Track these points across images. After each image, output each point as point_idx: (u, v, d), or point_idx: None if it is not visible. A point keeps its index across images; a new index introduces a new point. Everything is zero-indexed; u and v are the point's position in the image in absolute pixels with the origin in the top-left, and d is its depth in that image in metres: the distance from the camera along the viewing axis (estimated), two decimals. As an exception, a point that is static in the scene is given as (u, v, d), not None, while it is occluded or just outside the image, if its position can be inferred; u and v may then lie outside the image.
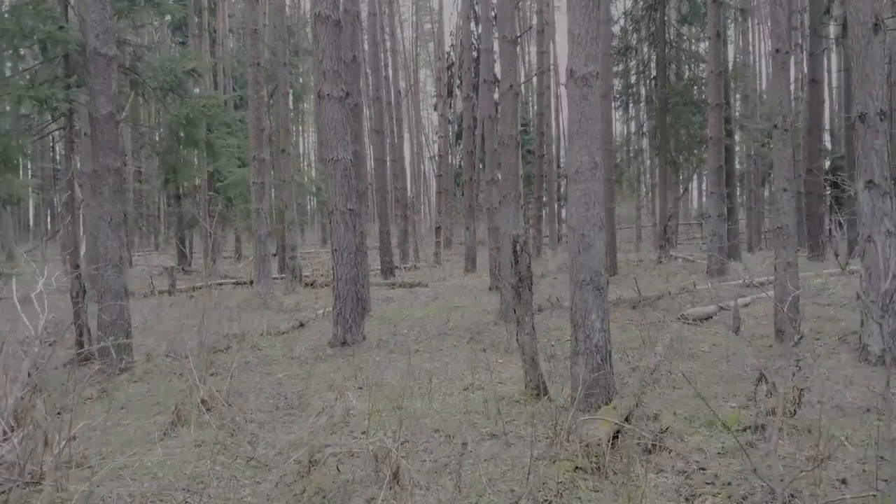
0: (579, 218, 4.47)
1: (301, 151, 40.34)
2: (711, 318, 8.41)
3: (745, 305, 9.18)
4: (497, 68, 15.46)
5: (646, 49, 20.06)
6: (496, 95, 15.37)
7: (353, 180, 7.85)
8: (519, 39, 9.02)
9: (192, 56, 7.42)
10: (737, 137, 23.83)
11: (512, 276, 4.62)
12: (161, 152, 7.68)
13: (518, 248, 4.58)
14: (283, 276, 15.72)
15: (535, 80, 25.62)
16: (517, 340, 4.66)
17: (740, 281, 11.60)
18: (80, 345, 7.89)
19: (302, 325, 9.73)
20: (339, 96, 7.72)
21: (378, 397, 5.07)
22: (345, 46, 10.62)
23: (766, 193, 32.99)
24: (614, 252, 14.87)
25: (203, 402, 4.86)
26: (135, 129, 7.16)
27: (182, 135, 7.32)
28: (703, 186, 48.25)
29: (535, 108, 22.29)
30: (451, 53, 37.53)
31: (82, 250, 8.07)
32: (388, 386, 5.49)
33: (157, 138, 7.70)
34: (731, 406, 4.51)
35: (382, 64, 24.36)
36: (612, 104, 15.48)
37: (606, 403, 4.35)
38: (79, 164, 7.97)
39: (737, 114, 25.12)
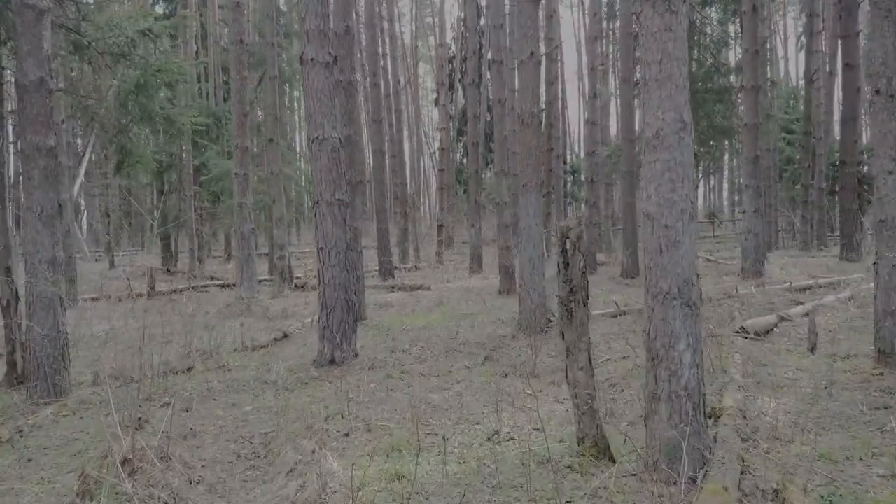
0: (661, 202, 3.09)
1: (297, 149, 38.87)
2: (772, 330, 7.04)
3: (807, 314, 7.80)
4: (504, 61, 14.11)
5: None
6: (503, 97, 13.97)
7: (342, 164, 6.47)
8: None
9: (148, 14, 6.05)
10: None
11: (559, 287, 3.25)
12: (110, 129, 6.29)
13: (570, 245, 3.20)
14: (272, 277, 14.34)
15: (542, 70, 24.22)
16: (567, 377, 3.29)
17: (786, 284, 10.24)
18: (13, 364, 6.53)
19: (286, 335, 8.36)
20: (325, 61, 6.34)
21: (369, 452, 3.69)
22: (336, 16, 9.25)
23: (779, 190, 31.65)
24: (635, 248, 13.51)
25: (126, 462, 3.47)
26: (76, 100, 5.81)
27: (133, 107, 5.91)
28: (711, 182, 46.97)
29: (544, 97, 20.90)
30: (453, 46, 36.14)
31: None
32: (383, 431, 4.11)
33: (102, 111, 6.31)
34: (878, 475, 3.13)
35: (380, 52, 22.99)
36: (633, 90, 14.09)
37: (700, 471, 2.98)
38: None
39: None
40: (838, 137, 26.80)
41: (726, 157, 37.88)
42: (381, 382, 5.43)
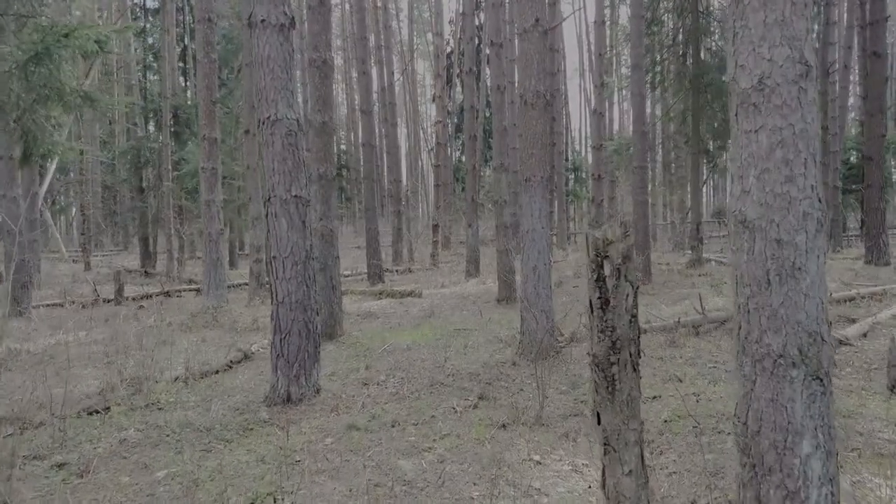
0: (768, 199, 1.82)
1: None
2: (830, 357, 5.76)
3: (864, 335, 6.55)
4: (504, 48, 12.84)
5: (674, 21, 17.42)
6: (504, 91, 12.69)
7: (300, 152, 5.19)
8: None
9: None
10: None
11: (593, 338, 1.98)
12: (11, 109, 5.02)
13: (611, 269, 1.93)
14: (251, 281, 13.05)
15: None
16: (603, 487, 2.02)
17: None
18: None
19: (246, 356, 7.09)
20: (279, 23, 5.06)
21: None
22: (310, -15, 7.98)
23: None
24: (648, 253, 12.26)
25: None
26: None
27: (32, 79, 4.64)
28: (714, 180, 45.73)
29: (546, 89, 19.65)
30: (451, 41, 34.92)
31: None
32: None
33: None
34: None
35: (372, 41, 21.72)
36: (645, 77, 12.86)
37: None
38: None
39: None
40: (852, 133, 25.65)
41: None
42: (341, 437, 4.15)
